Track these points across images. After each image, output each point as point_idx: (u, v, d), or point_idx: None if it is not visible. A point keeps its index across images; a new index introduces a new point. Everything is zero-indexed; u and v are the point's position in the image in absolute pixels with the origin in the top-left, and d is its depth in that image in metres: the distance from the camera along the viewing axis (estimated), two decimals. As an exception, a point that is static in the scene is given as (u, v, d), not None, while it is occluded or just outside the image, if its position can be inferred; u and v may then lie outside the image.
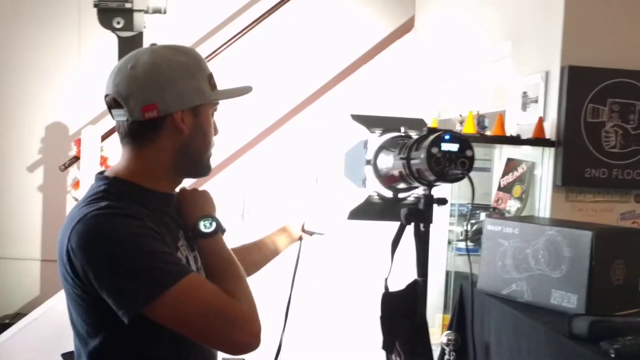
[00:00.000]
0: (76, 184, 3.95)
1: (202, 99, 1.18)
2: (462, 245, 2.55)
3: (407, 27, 4.09)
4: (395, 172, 1.47)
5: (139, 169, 1.19)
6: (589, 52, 2.26)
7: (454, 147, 1.31)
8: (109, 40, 4.06)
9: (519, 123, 2.52)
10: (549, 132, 2.30)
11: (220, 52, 3.98)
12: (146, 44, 4.10)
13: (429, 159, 1.30)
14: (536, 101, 2.41)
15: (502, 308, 1.94)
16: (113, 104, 1.17)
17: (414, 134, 1.56)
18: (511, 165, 2.49)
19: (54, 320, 3.74)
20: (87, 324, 1.13)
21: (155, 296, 1.03)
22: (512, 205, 2.43)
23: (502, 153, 2.60)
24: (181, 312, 1.06)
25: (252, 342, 1.10)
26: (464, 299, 2.23)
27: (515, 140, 2.31)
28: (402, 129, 1.59)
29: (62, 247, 1.10)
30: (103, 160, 3.87)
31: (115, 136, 3.95)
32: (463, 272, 2.57)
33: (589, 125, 2.25)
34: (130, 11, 3.95)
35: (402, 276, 1.56)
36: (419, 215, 1.43)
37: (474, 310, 2.08)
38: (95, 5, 3.98)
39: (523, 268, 1.90)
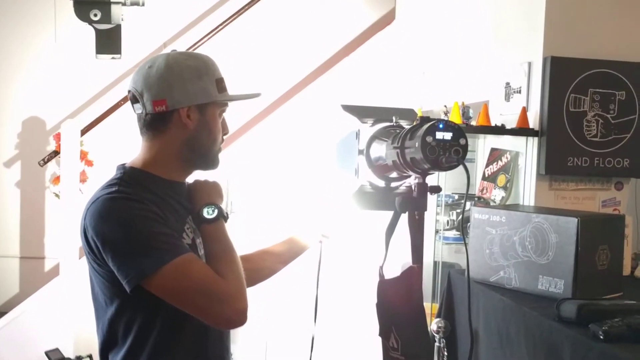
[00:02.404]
0: (56, 179, 3.89)
1: (206, 98, 1.33)
2: (449, 234, 2.58)
3: (388, 18, 4.10)
4: (389, 162, 1.48)
5: (152, 158, 1.34)
6: (570, 43, 2.30)
7: (447, 135, 1.33)
8: (86, 33, 4.00)
9: (502, 113, 2.55)
10: (532, 121, 2.34)
11: (202, 44, 3.95)
12: (124, 36, 4.12)
13: (423, 147, 1.31)
14: (519, 91, 2.45)
15: (490, 295, 1.97)
16: (132, 99, 1.33)
17: (405, 124, 1.57)
18: (495, 154, 2.53)
19: (36, 317, 3.69)
20: (103, 293, 1.28)
21: (151, 271, 1.18)
22: (496, 195, 2.46)
23: (486, 143, 2.64)
24: (173, 286, 1.20)
25: (237, 318, 1.23)
26: (452, 287, 2.26)
27: (500, 130, 2.34)
28: (394, 119, 1.60)
29: (81, 224, 1.26)
30: (83, 155, 3.81)
31: (95, 130, 3.90)
32: (449, 262, 2.60)
33: (571, 114, 2.30)
34: (108, 3, 3.90)
35: (394, 264, 1.58)
36: (414, 203, 1.44)
37: (463, 298, 2.11)
38: (71, -3, 3.92)
39: (510, 255, 1.94)
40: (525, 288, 1.90)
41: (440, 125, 1.33)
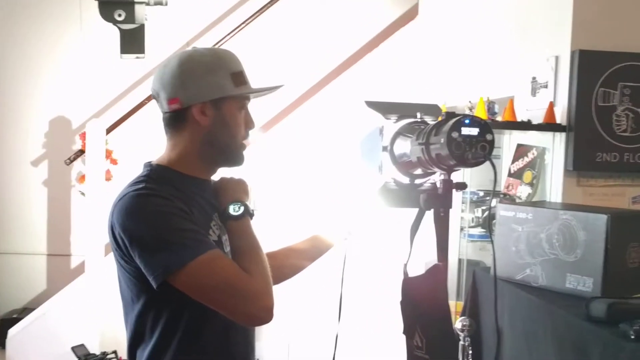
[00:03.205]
0: (82, 178, 3.94)
1: (220, 93, 1.31)
2: (474, 231, 2.54)
3: (411, 14, 4.06)
4: (413, 158, 1.46)
5: (176, 156, 1.35)
6: (599, 36, 2.25)
7: (474, 131, 1.30)
8: (111, 33, 4.05)
9: (528, 108, 2.51)
10: (560, 117, 2.29)
11: (225, 42, 3.96)
12: (147, 36, 4.16)
13: (449, 143, 1.29)
14: (546, 86, 2.40)
15: (516, 293, 1.94)
16: (155, 99, 1.36)
17: (430, 120, 1.55)
18: (521, 151, 2.48)
19: (62, 314, 3.75)
20: (130, 289, 1.29)
21: (177, 267, 1.18)
22: (522, 191, 2.42)
23: (512, 139, 2.59)
24: (199, 283, 1.20)
25: (263, 315, 1.22)
26: (477, 284, 2.23)
27: (527, 126, 2.30)
28: (418, 115, 1.58)
29: (108, 221, 1.27)
30: (108, 154, 3.86)
31: (119, 129, 3.94)
32: (474, 260, 2.57)
33: (600, 109, 2.24)
34: (132, 3, 3.94)
35: (419, 261, 1.56)
36: (438, 200, 1.42)
37: (489, 296, 2.08)
38: (96, -2, 3.96)
39: (537, 253, 1.90)
40: (552, 286, 1.86)
41: (467, 121, 1.30)
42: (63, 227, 4.24)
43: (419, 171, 1.54)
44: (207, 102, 1.30)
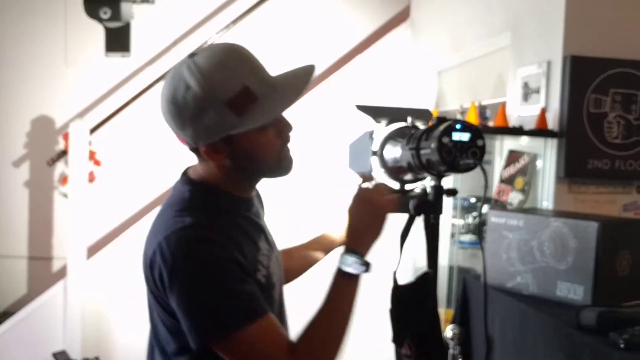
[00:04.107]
0: (64, 179, 3.87)
1: (222, 132, 1.10)
2: (464, 238, 2.51)
3: (402, 16, 4.04)
4: (404, 163, 1.43)
5: (213, 175, 1.18)
6: (591, 42, 2.23)
7: (465, 136, 1.27)
8: (96, 31, 3.98)
9: (520, 114, 2.49)
10: (551, 123, 2.27)
11: (211, 42, 3.91)
12: (134, 34, 4.09)
13: (440, 148, 1.26)
14: (537, 92, 2.38)
15: (507, 301, 1.91)
16: None
17: (421, 124, 1.52)
18: (513, 157, 2.46)
19: (44, 318, 3.67)
20: (168, 337, 1.14)
21: (220, 336, 1.04)
22: (514, 198, 2.40)
23: (503, 145, 2.57)
24: (240, 354, 1.06)
25: None
26: (468, 292, 2.20)
27: (518, 132, 2.28)
28: (409, 119, 1.55)
29: (147, 253, 1.12)
30: (91, 155, 3.79)
31: (104, 129, 3.84)
32: (465, 267, 2.54)
33: (592, 116, 2.23)
34: (118, 1, 3.87)
35: (408, 268, 1.52)
36: (429, 207, 1.39)
37: (479, 303, 2.06)
38: (81, -5, 3.89)
39: (528, 260, 1.88)
40: (543, 294, 1.84)
41: (458, 126, 1.27)
42: (45, 229, 4.16)
43: (409, 176, 1.51)
44: (214, 143, 1.11)
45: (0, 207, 4.21)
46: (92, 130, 3.78)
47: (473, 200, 2.55)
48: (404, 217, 1.45)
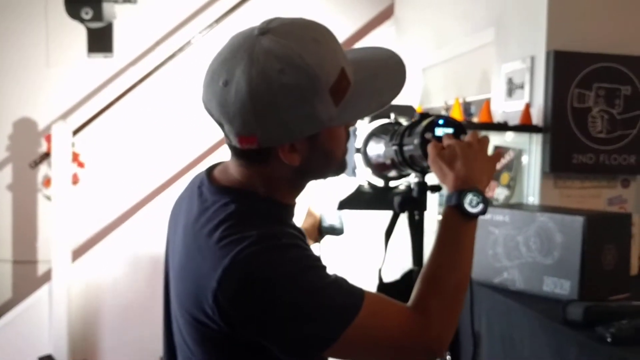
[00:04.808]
0: (47, 182, 3.81)
1: (316, 127, 0.91)
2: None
3: (386, 14, 4.03)
4: (387, 160, 1.42)
5: (259, 180, 0.97)
6: (574, 37, 2.23)
7: (448, 131, 1.26)
8: (79, 32, 3.93)
9: (505, 110, 2.48)
10: (536, 118, 2.27)
11: (195, 42, 3.88)
12: (116, 35, 4.05)
13: (422, 144, 1.24)
14: (522, 87, 2.38)
15: (493, 297, 1.91)
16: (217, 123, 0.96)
17: (404, 121, 1.51)
18: (498, 153, 2.46)
19: (29, 322, 3.63)
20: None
21: (337, 336, 0.89)
22: (500, 193, 2.40)
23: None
24: (361, 347, 0.92)
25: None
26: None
27: (502, 127, 2.27)
28: (392, 116, 1.54)
29: (200, 284, 0.90)
30: (75, 157, 3.74)
31: (87, 131, 3.78)
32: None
33: (576, 110, 2.23)
34: (99, 1, 3.84)
35: (396, 266, 1.51)
36: (413, 203, 1.38)
37: (466, 300, 2.05)
38: (62, -5, 3.85)
39: (514, 255, 1.88)
40: (529, 289, 1.83)
41: (440, 121, 1.26)
42: (29, 232, 4.10)
43: (393, 173, 1.50)
44: (298, 140, 0.92)
45: (-17, 211, 4.15)
46: (75, 132, 3.74)
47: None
48: (389, 214, 1.45)
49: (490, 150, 1.16)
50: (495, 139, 2.50)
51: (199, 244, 0.93)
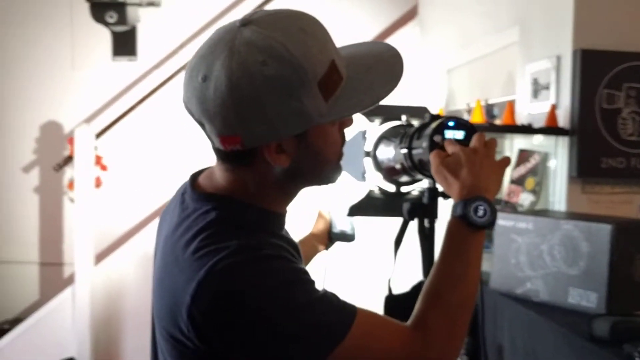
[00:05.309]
0: (70, 185, 3.84)
1: (304, 124, 0.83)
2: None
3: (410, 15, 3.95)
4: (397, 164, 1.35)
5: (245, 185, 0.89)
6: (602, 35, 2.12)
7: (459, 134, 1.18)
8: (103, 36, 3.96)
9: (530, 112, 2.38)
10: (562, 120, 2.16)
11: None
12: (140, 38, 4.07)
13: (432, 148, 1.17)
14: (547, 88, 2.27)
15: (516, 308, 1.82)
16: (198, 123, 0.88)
17: (416, 123, 1.43)
18: (523, 156, 2.35)
19: (53, 325, 3.65)
20: None
21: (324, 357, 0.82)
22: (525, 199, 2.29)
23: (514, 144, 2.46)
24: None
25: None
26: (477, 299, 2.10)
27: (527, 130, 2.17)
28: (404, 118, 1.47)
29: (175, 300, 0.82)
30: (98, 160, 3.76)
31: (110, 134, 3.79)
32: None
33: (605, 112, 2.11)
34: (124, 5, 3.87)
35: (407, 277, 1.44)
36: (423, 210, 1.31)
37: (488, 311, 1.96)
38: (87, 0, 3.89)
39: (538, 265, 1.79)
40: (554, 301, 1.74)
41: (451, 123, 1.18)
42: (55, 234, 4.15)
43: (404, 178, 1.43)
44: (286, 139, 0.85)
45: (11, 213, 4.21)
46: (99, 135, 3.76)
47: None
48: (399, 221, 1.38)
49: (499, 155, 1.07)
50: (521, 142, 2.40)
51: (176, 255, 0.85)
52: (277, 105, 0.80)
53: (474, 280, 0.97)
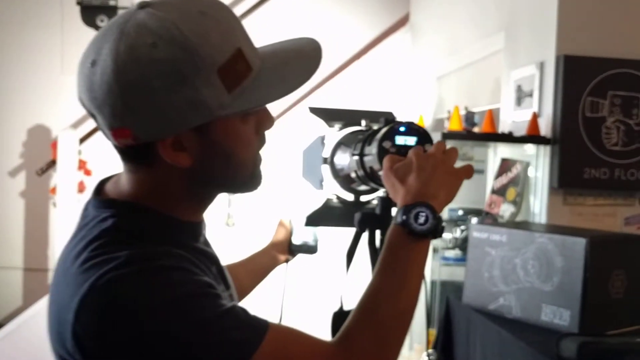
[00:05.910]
0: (53, 189, 3.80)
1: (202, 116, 0.74)
2: (449, 254, 2.33)
3: (402, 22, 3.90)
4: (352, 172, 1.28)
5: (150, 190, 0.80)
6: (587, 41, 2.05)
7: (411, 140, 1.11)
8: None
9: (515, 120, 2.31)
10: (544, 128, 2.09)
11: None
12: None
13: (380, 154, 1.10)
14: (531, 95, 2.20)
15: (488, 325, 1.74)
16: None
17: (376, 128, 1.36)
18: (505, 165, 2.28)
19: (35, 330, 3.59)
20: None
21: None
22: (505, 210, 2.21)
23: (497, 153, 2.39)
24: None
25: None
26: (451, 314, 2.02)
27: (506, 138, 2.10)
28: (363, 123, 1.40)
29: (60, 317, 0.75)
30: (82, 164, 3.72)
31: (95, 138, 3.73)
32: (449, 281, 2.35)
33: (588, 120, 2.04)
34: (115, 8, 3.84)
35: (361, 291, 1.37)
36: (375, 221, 1.23)
37: (461, 328, 1.89)
38: (78, 3, 3.86)
39: (511, 280, 1.71)
40: (527, 318, 1.66)
41: (402, 128, 1.11)
42: (40, 240, 4.10)
43: (363, 187, 1.36)
44: (183, 133, 0.76)
45: (-3, 218, 4.17)
46: (84, 139, 3.71)
47: (461, 212, 2.37)
48: (351, 232, 1.31)
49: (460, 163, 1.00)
50: (505, 151, 2.33)
51: (66, 267, 0.77)
52: (168, 93, 0.72)
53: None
